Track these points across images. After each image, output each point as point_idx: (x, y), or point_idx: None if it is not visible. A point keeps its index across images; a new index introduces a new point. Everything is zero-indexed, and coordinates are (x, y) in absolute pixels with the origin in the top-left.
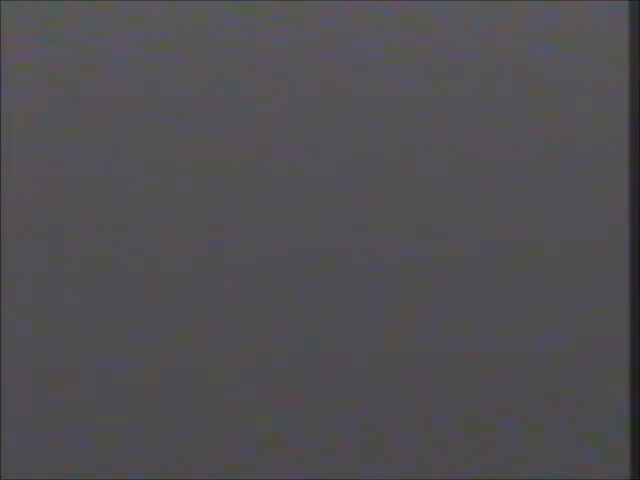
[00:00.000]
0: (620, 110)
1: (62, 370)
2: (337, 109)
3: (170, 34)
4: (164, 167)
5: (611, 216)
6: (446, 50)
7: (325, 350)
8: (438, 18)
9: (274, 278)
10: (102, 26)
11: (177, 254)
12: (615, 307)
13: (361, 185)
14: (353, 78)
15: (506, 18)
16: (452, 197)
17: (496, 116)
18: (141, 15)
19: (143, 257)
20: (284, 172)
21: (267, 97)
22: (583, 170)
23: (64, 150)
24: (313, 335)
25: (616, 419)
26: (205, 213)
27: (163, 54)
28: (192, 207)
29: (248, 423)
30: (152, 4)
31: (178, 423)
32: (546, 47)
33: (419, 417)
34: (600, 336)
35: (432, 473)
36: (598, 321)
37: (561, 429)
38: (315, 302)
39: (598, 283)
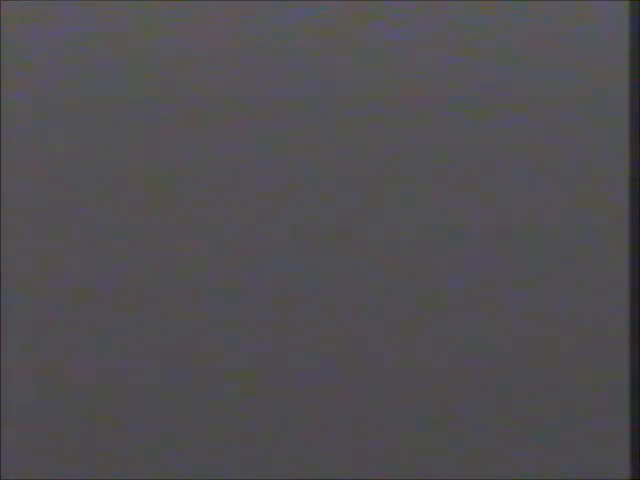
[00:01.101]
0: (620, 111)
1: (62, 370)
2: (336, 109)
3: (170, 34)
4: (164, 167)
5: (611, 215)
6: (446, 51)
7: (325, 350)
8: (438, 19)
9: (274, 278)
10: (102, 26)
11: (177, 254)
12: (615, 306)
13: (362, 184)
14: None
15: (506, 19)
16: (452, 199)
17: (496, 116)
18: (141, 15)
19: (143, 256)
20: (284, 172)
21: (267, 96)
22: (583, 170)
23: (64, 150)
24: (313, 335)
25: (616, 419)
26: (205, 212)
27: (164, 54)
28: (192, 206)
29: (248, 423)
30: (152, 4)
31: (178, 423)
32: (546, 48)
33: (418, 416)
34: (600, 336)
35: (432, 473)
36: (598, 320)
37: (561, 429)
38: (314, 301)
39: (598, 283)
